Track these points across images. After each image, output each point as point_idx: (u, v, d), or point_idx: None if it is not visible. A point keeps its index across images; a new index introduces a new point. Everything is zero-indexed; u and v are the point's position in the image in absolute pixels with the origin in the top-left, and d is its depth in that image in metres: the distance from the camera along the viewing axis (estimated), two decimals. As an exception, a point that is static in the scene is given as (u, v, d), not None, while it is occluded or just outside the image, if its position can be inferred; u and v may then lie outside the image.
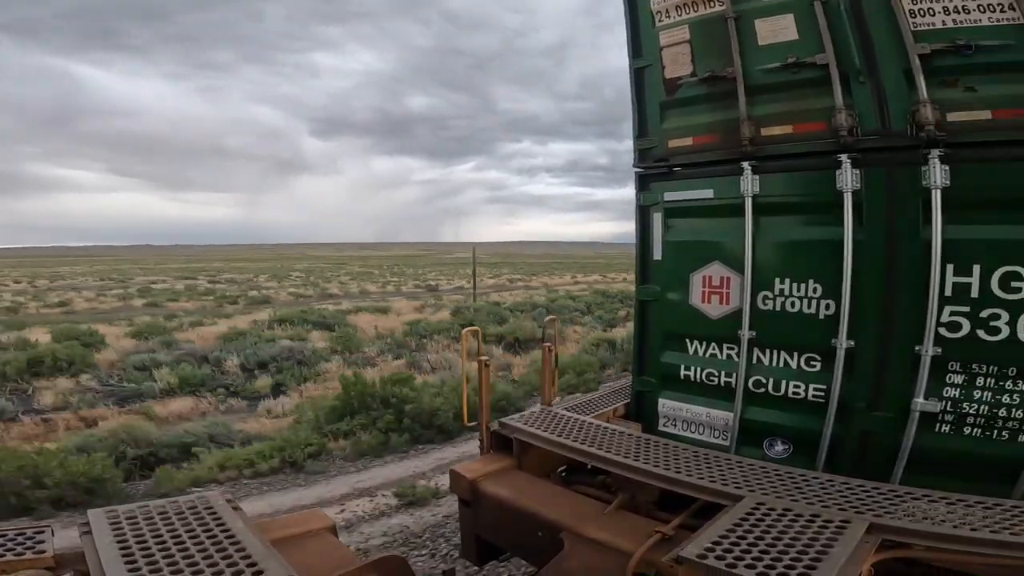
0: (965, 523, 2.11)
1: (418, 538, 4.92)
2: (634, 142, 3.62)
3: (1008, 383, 2.57)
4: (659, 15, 3.49)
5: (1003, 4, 2.56)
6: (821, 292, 2.96)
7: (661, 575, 2.23)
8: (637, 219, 3.62)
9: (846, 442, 2.99)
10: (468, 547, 3.29)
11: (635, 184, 3.63)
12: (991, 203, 2.58)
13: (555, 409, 3.60)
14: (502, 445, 3.36)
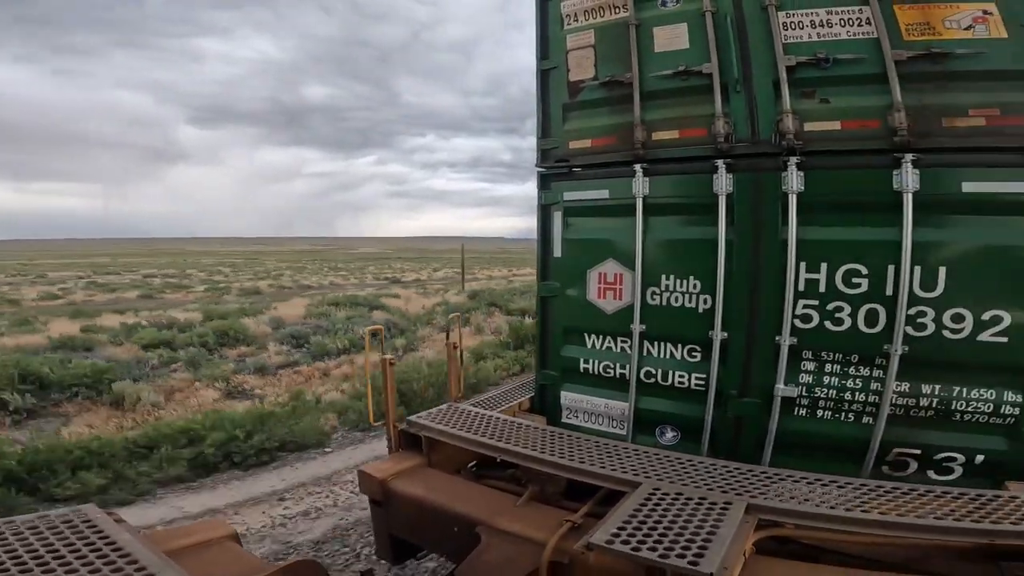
0: (825, 502, 2.33)
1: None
2: (537, 142, 3.71)
3: (851, 369, 2.87)
4: (568, 19, 3.60)
5: (861, 19, 2.81)
6: (700, 288, 3.18)
7: (575, 562, 2.33)
8: (538, 218, 3.72)
9: (724, 427, 3.22)
10: (383, 546, 3.29)
11: (537, 183, 3.73)
12: (836, 207, 2.84)
13: (462, 405, 3.65)
14: (411, 443, 3.37)
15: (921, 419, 2.79)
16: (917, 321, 2.69)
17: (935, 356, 2.68)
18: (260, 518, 5.11)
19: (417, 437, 3.31)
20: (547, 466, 2.85)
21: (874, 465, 2.89)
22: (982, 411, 2.68)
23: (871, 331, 2.78)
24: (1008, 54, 2.60)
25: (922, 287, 2.66)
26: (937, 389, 2.73)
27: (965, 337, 2.62)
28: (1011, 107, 2.57)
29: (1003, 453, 2.70)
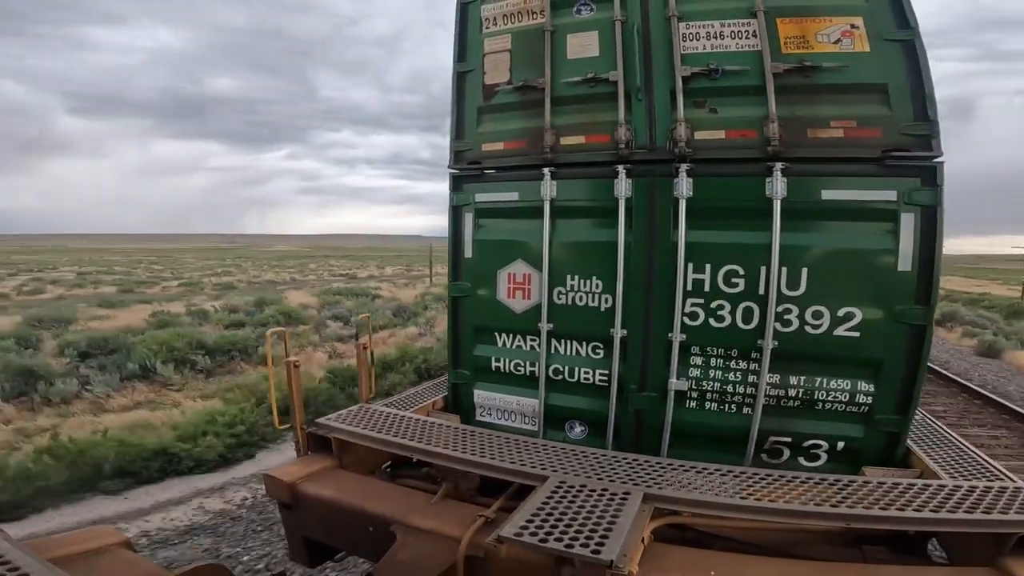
0: (711, 490, 2.49)
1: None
2: (451, 144, 3.75)
3: (732, 363, 3.10)
4: (487, 22, 3.66)
5: (748, 32, 3.01)
6: (602, 288, 3.33)
7: (489, 555, 2.39)
8: (450, 219, 3.76)
9: (626, 421, 3.38)
10: (296, 550, 3.24)
11: (449, 185, 3.76)
12: (719, 212, 3.05)
13: (373, 406, 3.64)
14: (320, 446, 3.34)
15: (791, 409, 3.04)
16: (784, 318, 2.93)
17: (800, 350, 2.93)
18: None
19: (327, 439, 3.29)
20: (459, 463, 2.90)
21: (755, 453, 3.12)
22: (840, 400, 2.95)
23: (747, 327, 3.01)
24: (868, 68, 2.83)
25: (788, 287, 2.91)
26: (802, 380, 2.99)
27: (824, 332, 2.88)
28: (866, 119, 2.81)
29: (860, 440, 2.98)
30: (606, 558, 1.96)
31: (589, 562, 2.00)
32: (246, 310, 16.39)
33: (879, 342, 2.82)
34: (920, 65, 2.77)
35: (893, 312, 2.78)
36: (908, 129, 2.75)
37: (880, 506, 2.28)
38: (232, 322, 14.26)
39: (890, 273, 2.77)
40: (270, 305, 17.24)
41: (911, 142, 2.74)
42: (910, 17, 2.83)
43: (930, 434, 3.27)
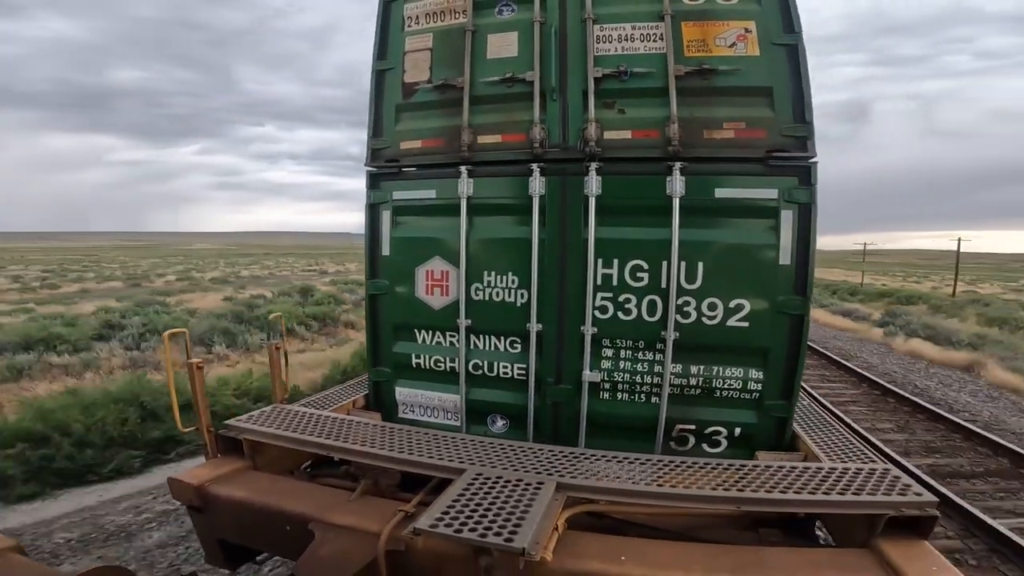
0: (620, 477, 2.60)
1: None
2: (368, 142, 3.71)
3: (639, 354, 3.26)
4: (409, 21, 3.65)
5: (656, 35, 3.15)
6: (518, 283, 3.41)
7: (410, 549, 2.40)
8: (367, 217, 3.73)
9: (545, 413, 3.48)
10: (212, 552, 3.13)
11: (366, 183, 3.73)
12: (626, 209, 3.19)
13: (288, 407, 3.55)
14: (231, 448, 3.22)
15: (693, 397, 3.23)
16: (684, 310, 3.12)
17: (698, 340, 3.13)
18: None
19: (237, 441, 3.18)
20: (376, 459, 2.89)
21: (663, 441, 3.30)
22: (735, 388, 3.17)
23: (651, 319, 3.18)
24: (757, 71, 3.02)
25: (687, 280, 3.09)
26: (702, 370, 3.19)
27: (718, 323, 3.09)
28: (753, 121, 3.01)
29: (753, 426, 3.20)
30: (519, 545, 2.02)
31: (503, 550, 2.05)
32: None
33: (765, 331, 3.04)
34: (801, 69, 2.98)
35: (776, 303, 3.01)
36: (788, 131, 2.96)
37: (766, 489, 2.43)
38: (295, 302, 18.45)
39: (773, 266, 3.00)
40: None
41: (790, 143, 2.96)
42: (795, 21, 3.02)
43: (812, 418, 3.54)
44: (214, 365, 9.75)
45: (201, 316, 14.93)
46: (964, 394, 10.67)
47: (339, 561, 2.41)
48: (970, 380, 11.85)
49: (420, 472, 2.81)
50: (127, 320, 13.64)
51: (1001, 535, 5.00)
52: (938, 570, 2.05)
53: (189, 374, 3.11)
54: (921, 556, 2.16)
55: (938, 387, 11.16)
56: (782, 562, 2.21)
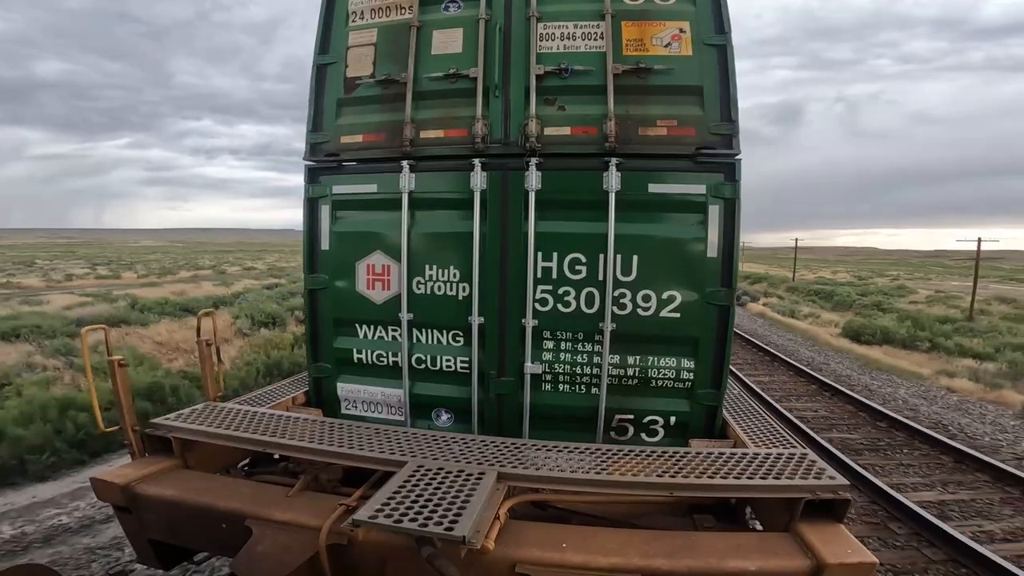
0: (567, 467, 2.63)
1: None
2: (307, 136, 3.66)
3: (579, 345, 3.34)
4: (354, 16, 3.61)
5: (596, 34, 3.23)
6: (459, 277, 3.42)
7: (353, 543, 2.36)
8: (305, 211, 3.67)
9: (489, 406, 3.51)
10: (143, 553, 2.99)
11: (305, 177, 3.67)
12: (564, 203, 3.27)
13: (220, 404, 3.43)
14: (160, 448, 3.09)
15: (631, 387, 3.34)
16: (620, 301, 3.22)
17: (634, 331, 3.24)
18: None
19: (166, 440, 3.05)
20: (314, 454, 2.84)
21: (604, 431, 3.39)
22: (669, 377, 3.29)
23: (590, 311, 3.27)
24: (689, 71, 3.14)
25: (623, 273, 3.20)
26: (638, 360, 3.30)
27: (652, 314, 3.21)
28: (684, 119, 3.14)
29: (687, 414, 3.32)
30: (459, 534, 2.03)
31: (443, 539, 2.06)
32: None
33: (695, 322, 3.18)
34: (729, 69, 3.12)
35: (705, 294, 3.15)
36: (716, 128, 3.10)
37: (696, 475, 2.52)
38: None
39: (701, 259, 3.14)
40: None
41: (717, 141, 3.10)
42: (726, 22, 3.15)
43: (740, 406, 3.71)
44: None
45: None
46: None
47: (278, 557, 2.35)
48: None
49: (361, 466, 2.78)
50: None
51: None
52: (852, 552, 2.17)
53: (111, 372, 2.96)
54: (837, 539, 2.27)
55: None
56: (712, 546, 2.29)
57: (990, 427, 8.61)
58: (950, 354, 14.31)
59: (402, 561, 2.32)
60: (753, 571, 2.17)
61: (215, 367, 3.53)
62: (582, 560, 2.21)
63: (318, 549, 2.34)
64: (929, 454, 7.19)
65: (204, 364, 3.48)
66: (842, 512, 2.40)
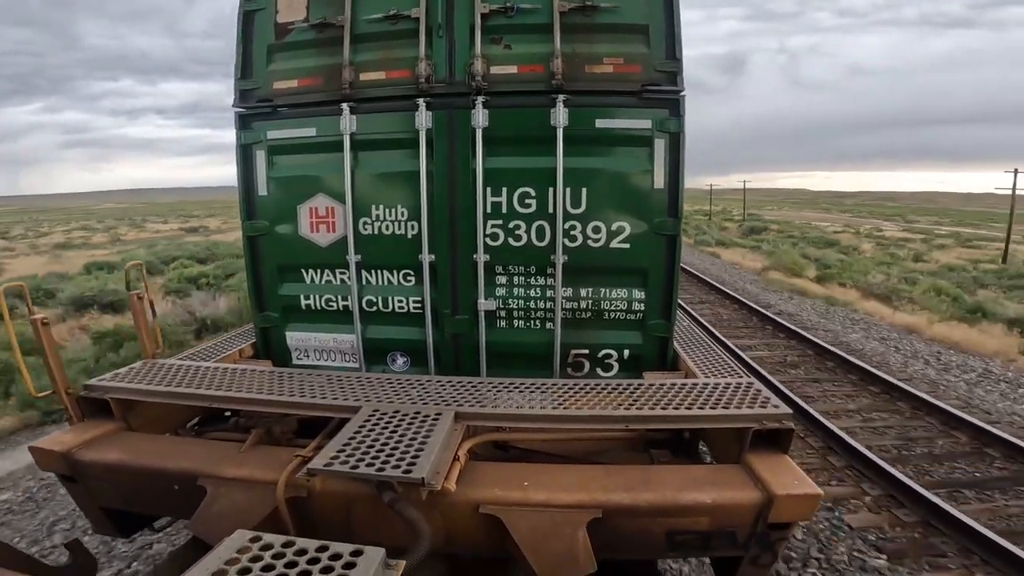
0: (525, 404, 2.65)
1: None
2: (236, 83, 3.50)
3: (531, 279, 3.40)
4: None
5: None
6: (407, 216, 3.38)
7: (313, 495, 2.31)
8: (238, 157, 3.52)
9: (445, 346, 3.52)
10: (98, 522, 2.87)
11: (236, 124, 3.52)
12: (512, 140, 3.27)
13: (160, 361, 3.27)
14: (100, 411, 2.92)
15: (584, 321, 3.42)
16: (571, 234, 3.29)
17: (585, 263, 3.31)
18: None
19: (104, 401, 2.89)
20: (264, 406, 2.77)
21: (561, 368, 3.47)
22: (621, 309, 3.39)
23: (541, 244, 3.32)
24: (635, 9, 3.15)
25: (572, 205, 3.25)
26: (590, 292, 3.38)
27: (602, 245, 3.29)
28: (631, 57, 3.17)
29: (640, 347, 3.43)
30: (417, 476, 2.01)
31: (401, 482, 2.06)
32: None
33: (644, 252, 3.29)
34: (674, 8, 3.16)
35: (653, 224, 3.26)
36: (661, 66, 3.17)
37: (649, 407, 2.57)
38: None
39: (649, 191, 3.23)
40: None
41: (663, 78, 3.17)
42: None
43: (689, 338, 3.87)
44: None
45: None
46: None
47: (236, 515, 2.27)
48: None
49: (313, 414, 2.74)
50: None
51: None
52: (799, 484, 2.24)
53: (34, 332, 2.74)
54: (783, 470, 2.34)
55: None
56: (669, 479, 2.36)
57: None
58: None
59: (365, 509, 2.30)
60: (708, 503, 2.23)
61: (150, 322, 3.34)
62: (544, 498, 2.23)
63: (277, 504, 2.29)
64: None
65: (138, 319, 3.27)
66: (787, 443, 2.47)
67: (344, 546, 1.49)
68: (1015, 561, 3.90)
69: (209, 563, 1.41)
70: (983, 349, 9.50)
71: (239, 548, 1.47)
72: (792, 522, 2.29)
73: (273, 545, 1.48)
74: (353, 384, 2.94)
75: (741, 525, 2.27)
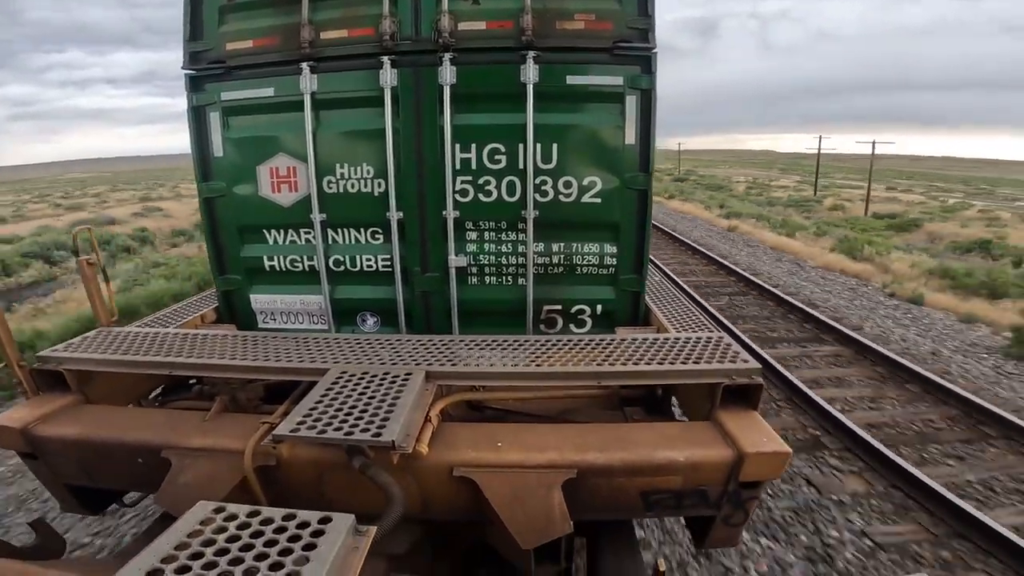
0: (498, 362, 2.58)
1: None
2: (185, 45, 3.31)
3: (503, 235, 3.34)
4: None
5: None
6: (373, 173, 3.28)
7: (283, 463, 2.24)
8: (191, 119, 3.37)
9: (415, 305, 3.47)
10: (64, 500, 2.78)
11: (186, 86, 3.36)
12: (481, 97, 3.18)
13: (116, 329, 3.15)
14: (57, 383, 2.80)
15: (557, 276, 3.40)
16: (542, 189, 3.23)
17: (557, 218, 3.27)
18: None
19: (59, 374, 2.77)
20: (225, 371, 2.68)
21: (534, 325, 3.46)
22: (593, 264, 3.38)
23: (512, 199, 3.26)
24: None
25: (543, 160, 3.18)
26: (562, 247, 3.35)
27: (574, 200, 3.25)
28: (602, 13, 3.07)
29: (612, 301, 3.43)
30: (387, 439, 1.96)
31: (371, 446, 2.01)
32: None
33: (615, 206, 3.26)
34: None
35: (624, 179, 3.22)
36: (633, 23, 3.08)
37: (622, 362, 2.54)
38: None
39: (620, 147, 3.18)
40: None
41: (634, 35, 3.09)
42: None
43: (661, 293, 3.88)
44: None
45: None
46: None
47: (204, 487, 2.18)
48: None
49: (280, 379, 2.66)
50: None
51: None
52: (768, 442, 2.23)
53: None
54: (753, 427, 2.33)
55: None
56: (643, 437, 2.34)
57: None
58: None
59: (337, 475, 2.24)
60: (681, 461, 2.22)
61: (103, 288, 3.18)
62: (519, 458, 2.20)
63: (245, 473, 2.21)
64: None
65: (89, 286, 3.10)
66: (756, 399, 2.47)
67: (312, 514, 1.46)
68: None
69: (171, 536, 1.38)
70: (795, 250, 15.92)
71: (202, 519, 1.44)
72: (762, 481, 2.29)
73: (238, 515, 1.46)
74: (321, 346, 2.86)
75: (713, 484, 2.27)
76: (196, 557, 1.33)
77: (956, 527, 4.25)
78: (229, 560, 1.32)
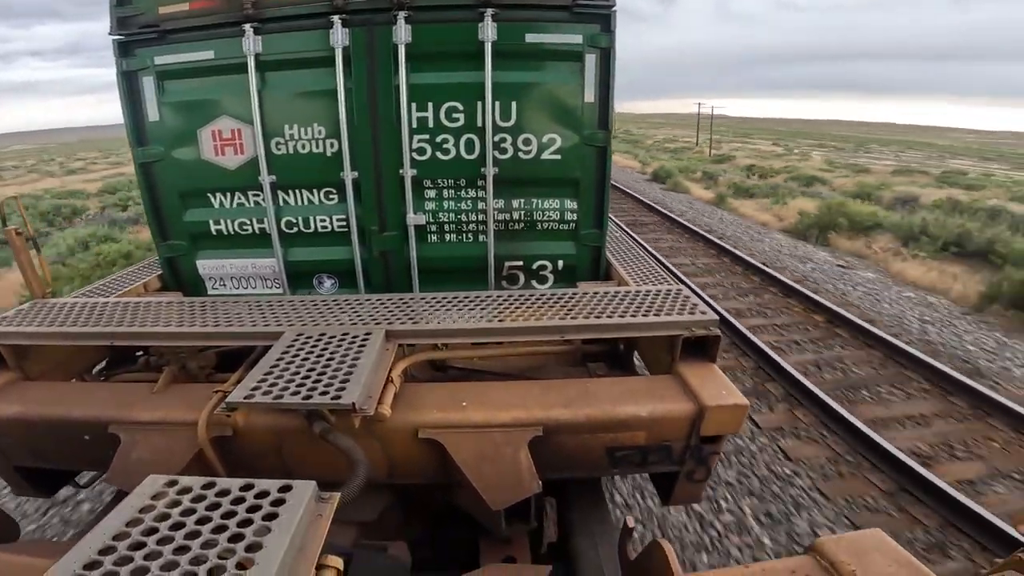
0: (460, 318, 2.52)
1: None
2: (112, 11, 3.07)
3: (462, 192, 3.28)
4: None
5: None
6: (325, 133, 3.14)
7: (240, 432, 2.14)
8: (121, 85, 3.17)
9: (374, 265, 3.39)
10: (14, 483, 2.62)
11: (115, 51, 3.14)
12: (437, 55, 3.06)
13: (53, 300, 2.96)
14: None
15: (517, 232, 3.36)
16: (501, 146, 3.16)
17: (516, 174, 3.21)
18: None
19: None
20: (173, 339, 2.53)
21: (496, 282, 3.42)
22: (554, 219, 3.35)
23: (470, 157, 3.18)
24: None
25: (502, 118, 3.10)
26: (523, 203, 3.31)
27: (533, 157, 3.19)
28: None
29: (574, 256, 3.42)
30: (347, 402, 1.89)
31: (331, 409, 1.94)
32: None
33: (575, 162, 3.22)
34: None
35: (583, 136, 3.18)
36: None
37: (584, 316, 2.53)
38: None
39: (579, 104, 3.13)
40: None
41: None
42: None
43: (621, 248, 3.89)
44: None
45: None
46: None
47: (157, 462, 2.06)
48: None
49: (231, 344, 2.54)
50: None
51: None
52: (727, 394, 2.25)
53: None
54: (712, 379, 2.34)
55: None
56: (606, 392, 2.33)
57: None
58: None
59: (298, 443, 2.15)
60: (645, 416, 2.21)
61: (34, 259, 2.96)
62: (484, 417, 2.16)
63: (200, 445, 2.10)
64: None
65: (19, 256, 2.88)
66: (714, 351, 2.49)
67: (271, 483, 1.42)
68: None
69: (122, 513, 1.32)
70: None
71: (154, 494, 1.37)
72: (722, 435, 2.29)
73: (192, 488, 1.40)
74: (275, 309, 2.73)
75: (676, 439, 2.28)
76: (150, 532, 1.27)
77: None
78: (186, 534, 1.27)
